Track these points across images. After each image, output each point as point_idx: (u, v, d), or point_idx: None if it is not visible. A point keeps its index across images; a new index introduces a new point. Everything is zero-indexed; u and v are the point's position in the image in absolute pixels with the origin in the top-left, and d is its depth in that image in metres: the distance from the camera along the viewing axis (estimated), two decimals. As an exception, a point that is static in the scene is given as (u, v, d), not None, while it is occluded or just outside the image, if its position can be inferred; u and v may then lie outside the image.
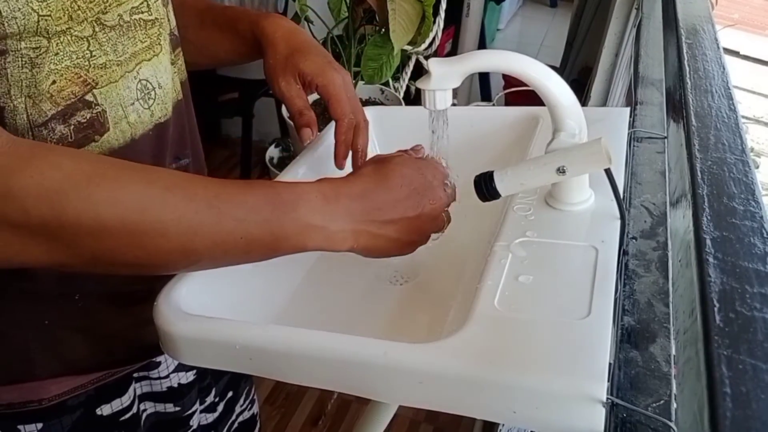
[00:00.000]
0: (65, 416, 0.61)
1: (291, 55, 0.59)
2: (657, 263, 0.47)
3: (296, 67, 0.58)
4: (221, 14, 0.65)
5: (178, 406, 0.71)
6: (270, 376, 0.44)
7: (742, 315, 0.32)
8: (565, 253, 0.46)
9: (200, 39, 0.66)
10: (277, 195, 0.45)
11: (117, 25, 0.50)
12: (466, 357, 0.38)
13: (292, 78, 0.58)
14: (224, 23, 0.64)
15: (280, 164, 2.24)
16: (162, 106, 0.56)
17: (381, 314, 0.56)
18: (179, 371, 0.70)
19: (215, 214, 0.42)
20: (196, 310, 0.47)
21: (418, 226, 0.50)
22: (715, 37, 0.71)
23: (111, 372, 0.63)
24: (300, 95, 0.59)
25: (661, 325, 0.41)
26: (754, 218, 0.40)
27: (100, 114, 0.50)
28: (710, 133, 0.50)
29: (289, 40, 0.60)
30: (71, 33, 0.47)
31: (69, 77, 0.48)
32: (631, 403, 0.35)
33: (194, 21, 0.66)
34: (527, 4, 4.69)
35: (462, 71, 0.48)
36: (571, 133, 0.49)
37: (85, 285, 0.57)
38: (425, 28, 1.51)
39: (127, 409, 0.65)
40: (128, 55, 0.52)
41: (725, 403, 0.27)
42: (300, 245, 0.45)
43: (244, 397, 0.84)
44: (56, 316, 0.57)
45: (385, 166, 0.50)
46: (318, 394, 1.62)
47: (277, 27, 0.61)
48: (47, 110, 0.47)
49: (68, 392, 0.60)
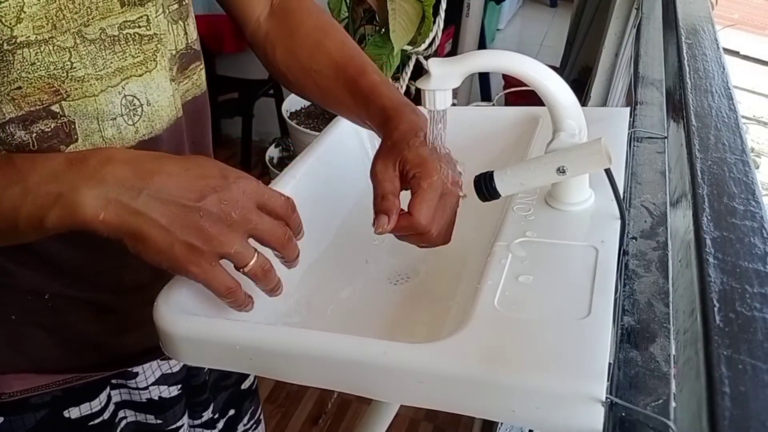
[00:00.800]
0: (28, 414, 0.60)
1: (400, 140, 0.53)
2: (657, 263, 0.47)
3: (400, 153, 0.52)
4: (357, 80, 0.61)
5: (160, 419, 0.70)
6: (270, 376, 0.44)
7: (742, 315, 0.32)
8: (565, 253, 0.46)
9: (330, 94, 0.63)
10: (9, 164, 0.40)
11: (98, 39, 0.48)
12: (466, 357, 0.38)
13: (391, 163, 0.52)
14: (357, 93, 0.60)
15: (280, 164, 2.25)
16: (148, 123, 0.54)
17: (381, 314, 0.56)
18: (160, 384, 0.68)
19: None
20: (195, 310, 0.47)
21: (196, 222, 0.41)
22: (715, 37, 0.71)
23: (79, 375, 0.62)
24: (392, 181, 0.52)
25: (660, 325, 0.41)
26: (754, 218, 0.40)
27: (65, 124, 0.49)
28: (710, 133, 0.50)
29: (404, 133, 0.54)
30: (53, 43, 0.46)
31: (39, 86, 0.46)
32: (631, 402, 0.35)
33: (328, 73, 0.63)
34: (527, 4, 4.69)
35: (462, 71, 0.48)
36: (571, 133, 0.49)
37: (53, 285, 0.56)
38: (425, 28, 1.51)
39: (97, 414, 0.64)
40: (111, 70, 0.50)
41: (724, 403, 0.27)
42: (36, 219, 0.39)
43: (249, 417, 0.83)
44: (24, 313, 0.57)
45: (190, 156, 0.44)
46: (318, 394, 1.62)
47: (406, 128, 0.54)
48: (7, 112, 0.46)
49: (31, 390, 0.60)
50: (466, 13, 2.44)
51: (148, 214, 0.40)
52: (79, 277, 0.57)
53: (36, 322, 0.58)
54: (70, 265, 0.56)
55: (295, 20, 0.66)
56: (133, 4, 0.50)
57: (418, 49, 1.54)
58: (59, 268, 0.56)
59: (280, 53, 0.65)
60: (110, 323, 0.60)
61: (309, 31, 0.65)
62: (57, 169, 0.39)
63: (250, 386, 0.82)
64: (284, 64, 0.65)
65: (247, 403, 0.82)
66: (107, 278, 0.58)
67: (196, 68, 0.60)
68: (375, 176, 0.53)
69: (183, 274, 0.42)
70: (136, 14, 0.51)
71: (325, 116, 1.98)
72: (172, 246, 0.41)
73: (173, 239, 0.40)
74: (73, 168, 0.39)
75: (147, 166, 0.41)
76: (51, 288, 0.57)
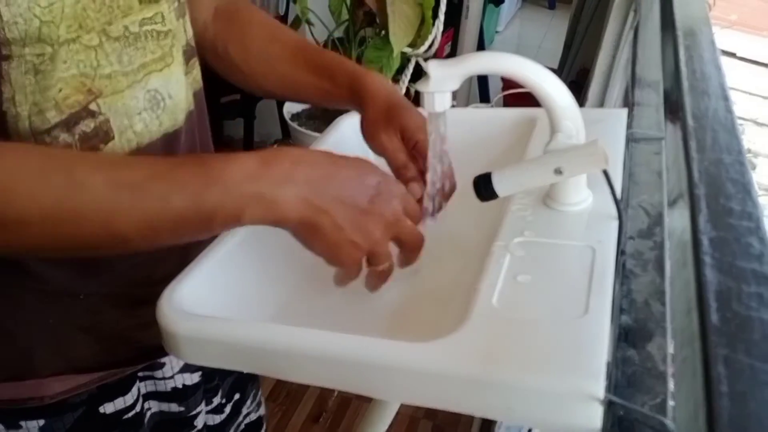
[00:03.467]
0: (67, 414, 0.61)
1: (391, 110, 0.57)
2: (654, 263, 0.47)
3: (398, 122, 0.56)
4: (316, 57, 0.64)
5: (183, 406, 0.71)
6: (271, 375, 0.44)
7: (738, 314, 0.33)
8: (562, 253, 0.46)
9: (289, 75, 0.65)
10: (204, 165, 0.42)
11: (122, 36, 0.50)
12: (465, 356, 0.38)
13: (393, 132, 0.56)
14: (319, 67, 0.63)
15: (279, 165, 2.24)
16: (171, 116, 0.56)
17: (380, 313, 0.57)
18: (184, 372, 0.70)
19: (138, 194, 0.41)
20: (198, 309, 0.47)
21: (364, 223, 0.45)
22: (712, 38, 0.71)
23: (114, 372, 0.63)
24: (402, 149, 0.57)
25: (658, 324, 0.42)
26: (750, 218, 0.40)
27: (103, 123, 0.51)
28: (707, 134, 0.51)
29: (389, 97, 0.59)
30: (80, 41, 0.47)
31: (75, 85, 0.48)
32: (629, 401, 0.36)
33: (285, 55, 0.65)
34: (526, 6, 4.70)
35: (461, 73, 0.49)
36: (568, 135, 0.49)
37: (89, 285, 0.58)
38: (425, 31, 1.51)
39: (130, 407, 0.65)
40: (136, 66, 0.52)
41: (722, 402, 0.28)
42: (234, 218, 0.42)
43: (251, 399, 0.84)
44: (61, 315, 0.58)
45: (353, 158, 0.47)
46: (319, 392, 1.62)
47: (379, 83, 0.60)
48: (51, 118, 0.48)
49: (70, 390, 0.61)
50: (465, 16, 2.45)
51: (330, 212, 0.43)
52: (114, 273, 0.58)
53: (73, 323, 0.59)
54: (105, 264, 0.57)
55: (244, 17, 0.67)
56: (148, 2, 0.52)
57: (418, 52, 1.54)
58: (94, 268, 0.57)
59: (233, 48, 0.66)
60: (143, 316, 0.61)
61: (261, 24, 0.67)
62: (254, 170, 0.42)
63: None
64: (238, 57, 0.66)
65: (250, 386, 0.83)
66: (140, 271, 0.60)
67: (194, 63, 0.62)
68: (385, 149, 0.56)
69: (335, 264, 0.47)
70: (152, 11, 0.52)
71: (326, 118, 1.98)
72: (339, 242, 0.45)
73: (342, 235, 0.44)
74: (270, 169, 0.42)
75: (329, 169, 0.44)
76: (87, 288, 0.58)
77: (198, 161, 0.43)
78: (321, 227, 0.44)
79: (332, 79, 0.62)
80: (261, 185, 0.42)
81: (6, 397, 0.59)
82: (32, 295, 0.56)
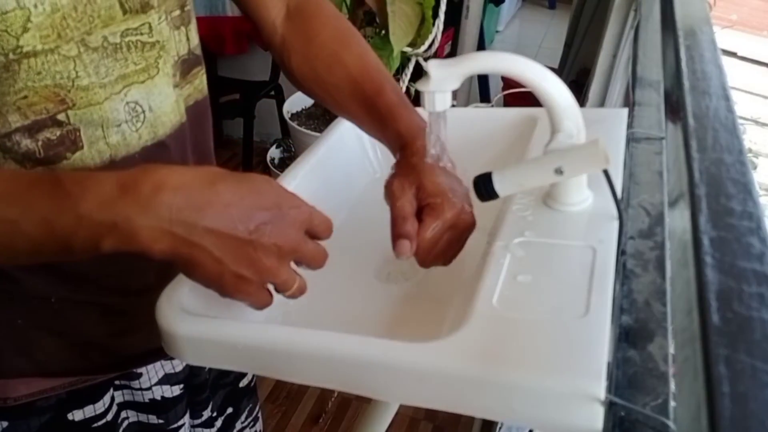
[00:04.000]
0: (33, 417, 0.60)
1: (417, 167, 0.53)
2: (655, 263, 0.47)
3: (418, 179, 0.52)
4: (374, 100, 0.59)
5: (162, 418, 0.70)
6: (271, 375, 0.44)
7: (739, 315, 0.32)
8: (563, 253, 0.46)
9: (344, 106, 0.62)
10: (59, 188, 0.39)
11: (100, 47, 0.49)
12: (465, 356, 0.38)
13: (408, 184, 0.52)
14: (374, 112, 0.59)
15: (281, 165, 2.25)
16: (151, 129, 0.54)
17: (381, 314, 0.56)
18: (163, 384, 0.68)
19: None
20: (197, 309, 0.47)
21: (248, 255, 0.40)
22: (712, 38, 0.71)
23: (84, 378, 0.62)
24: (411, 203, 0.51)
25: (658, 324, 0.41)
26: (751, 218, 0.40)
27: (70, 132, 0.49)
28: (708, 133, 0.50)
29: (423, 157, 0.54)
30: (58, 52, 0.46)
31: (45, 95, 0.47)
32: (630, 401, 0.35)
33: (345, 87, 0.61)
34: (526, 6, 4.70)
35: (461, 73, 0.48)
36: (569, 134, 0.49)
37: (61, 290, 0.56)
38: (425, 30, 1.51)
39: (100, 416, 0.64)
40: (114, 78, 0.50)
41: (724, 403, 0.28)
42: (91, 245, 0.39)
43: (246, 414, 0.83)
44: (30, 317, 0.57)
45: (245, 177, 0.42)
46: (318, 393, 1.62)
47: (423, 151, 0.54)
48: (13, 122, 0.46)
49: (37, 393, 0.60)
50: (465, 15, 2.45)
51: (201, 245, 0.39)
52: (86, 281, 0.57)
53: (42, 326, 0.58)
54: (77, 270, 0.56)
55: (312, 27, 0.64)
56: (135, 12, 0.50)
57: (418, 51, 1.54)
58: (66, 274, 0.56)
59: (295, 61, 0.63)
60: (116, 325, 0.60)
61: (326, 40, 0.63)
62: (109, 196, 0.38)
63: (248, 384, 0.82)
64: (300, 73, 0.64)
65: (245, 401, 0.82)
66: (114, 281, 0.59)
67: (197, 73, 0.60)
68: (393, 195, 0.52)
69: (228, 297, 0.43)
70: (138, 22, 0.51)
71: (326, 117, 1.98)
72: (222, 275, 0.41)
73: (224, 269, 0.40)
74: (125, 196, 0.38)
75: (201, 196, 0.39)
76: (58, 293, 0.57)
77: (54, 182, 0.40)
78: (197, 261, 0.40)
79: (383, 132, 0.59)
80: (115, 213, 0.38)
81: None
82: (1, 296, 0.55)
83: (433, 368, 0.38)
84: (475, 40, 2.54)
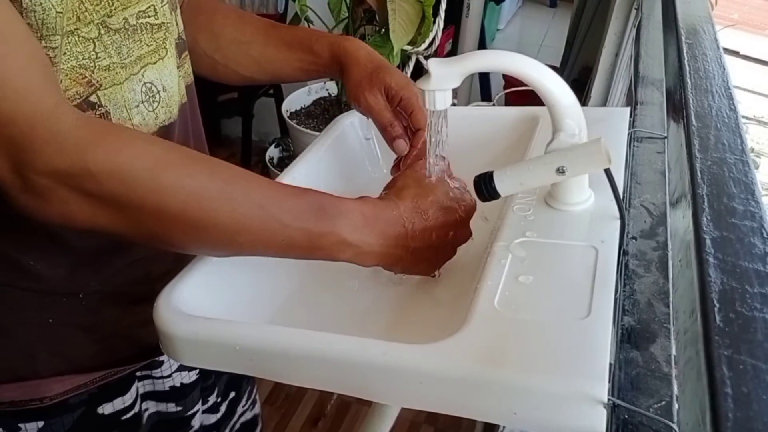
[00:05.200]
0: (66, 414, 0.61)
1: (375, 71, 0.60)
2: (657, 263, 0.47)
3: (382, 82, 0.59)
4: (290, 33, 0.66)
5: (180, 405, 0.71)
6: (269, 377, 0.44)
7: (742, 315, 0.32)
8: (564, 254, 0.46)
9: (265, 55, 0.67)
10: (322, 208, 0.47)
11: (122, 29, 0.50)
12: (466, 358, 0.38)
13: (378, 92, 0.59)
14: (295, 42, 0.65)
15: (280, 164, 2.24)
16: (166, 109, 0.56)
17: (380, 314, 0.56)
18: (181, 370, 0.70)
19: (264, 214, 0.45)
20: (195, 311, 0.47)
21: (442, 254, 0.53)
22: (714, 37, 0.71)
23: (114, 371, 0.63)
24: (387, 108, 0.60)
25: (661, 326, 0.41)
26: (753, 218, 0.40)
27: (104, 115, 0.51)
28: (710, 133, 0.50)
29: (370, 59, 0.62)
30: (78, 34, 0.47)
31: (74, 77, 0.48)
32: (633, 403, 0.35)
33: (259, 38, 0.66)
34: (527, 4, 4.69)
35: (462, 71, 0.48)
36: (570, 133, 0.49)
37: (89, 284, 0.58)
38: (425, 29, 1.51)
39: (128, 408, 0.65)
40: (133, 58, 0.52)
41: (727, 404, 0.27)
42: (331, 256, 0.48)
43: (246, 397, 0.84)
44: (60, 315, 0.58)
45: (425, 196, 0.52)
46: (318, 395, 1.62)
47: (359, 46, 0.63)
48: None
49: (71, 390, 0.60)
50: (465, 14, 2.44)
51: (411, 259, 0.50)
52: (112, 271, 0.58)
53: (72, 323, 0.59)
54: (104, 261, 0.57)
55: (209, 8, 0.68)
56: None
57: (418, 49, 1.54)
58: (93, 267, 0.57)
59: (202, 38, 0.66)
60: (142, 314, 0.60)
61: (227, 12, 0.68)
62: (358, 224, 0.48)
63: None
64: (210, 47, 0.66)
65: (245, 384, 0.83)
66: (138, 269, 0.60)
67: (186, 57, 0.62)
68: (371, 108, 0.59)
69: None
70: (145, 4, 0.53)
71: (325, 116, 1.97)
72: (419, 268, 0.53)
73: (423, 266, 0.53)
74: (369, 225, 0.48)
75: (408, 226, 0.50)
76: (86, 287, 0.58)
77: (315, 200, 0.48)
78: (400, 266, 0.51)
79: (311, 50, 0.63)
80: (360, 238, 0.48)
81: (7, 399, 0.58)
82: (31, 295, 0.56)
83: (433, 370, 0.38)
84: (475, 39, 2.54)
